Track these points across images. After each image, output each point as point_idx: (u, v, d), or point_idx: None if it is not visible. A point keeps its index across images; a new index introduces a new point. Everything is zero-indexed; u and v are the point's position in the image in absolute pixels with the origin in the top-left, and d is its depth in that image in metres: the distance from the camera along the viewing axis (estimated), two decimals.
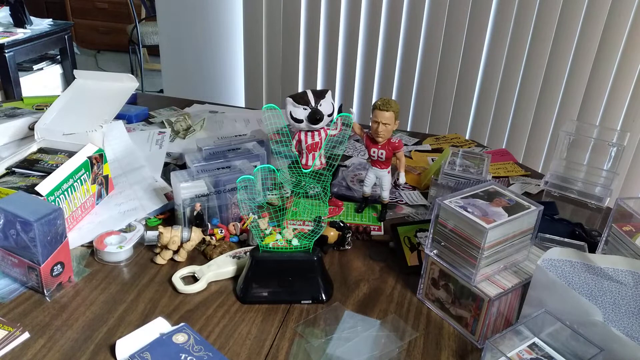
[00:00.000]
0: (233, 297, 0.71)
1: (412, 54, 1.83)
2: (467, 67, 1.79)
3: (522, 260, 0.68)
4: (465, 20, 1.72)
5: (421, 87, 1.87)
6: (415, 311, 0.70)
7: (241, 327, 0.66)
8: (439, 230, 0.67)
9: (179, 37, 2.12)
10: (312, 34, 1.91)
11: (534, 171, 1.12)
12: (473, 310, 0.65)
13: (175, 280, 0.72)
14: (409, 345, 0.64)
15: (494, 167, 1.11)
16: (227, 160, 0.90)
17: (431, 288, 0.71)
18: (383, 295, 0.73)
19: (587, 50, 1.62)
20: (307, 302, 0.70)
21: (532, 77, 1.72)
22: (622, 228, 0.69)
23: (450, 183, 0.86)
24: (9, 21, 2.31)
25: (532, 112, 1.76)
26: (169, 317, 0.66)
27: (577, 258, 0.64)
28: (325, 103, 0.85)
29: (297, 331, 0.65)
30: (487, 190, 0.68)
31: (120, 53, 3.94)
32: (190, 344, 0.61)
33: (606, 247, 0.71)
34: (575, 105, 1.69)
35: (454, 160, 0.91)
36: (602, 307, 0.60)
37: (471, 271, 0.63)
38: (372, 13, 1.82)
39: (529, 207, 0.65)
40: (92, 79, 1.05)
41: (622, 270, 0.63)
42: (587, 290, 0.62)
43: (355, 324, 0.67)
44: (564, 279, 0.62)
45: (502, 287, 0.64)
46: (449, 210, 0.64)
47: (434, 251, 0.69)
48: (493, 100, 1.80)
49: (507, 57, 1.73)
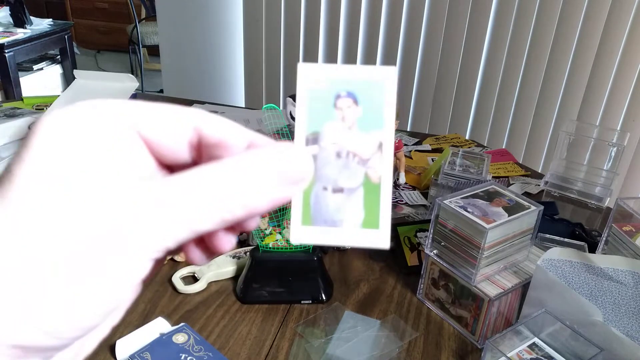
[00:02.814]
0: (233, 297, 0.71)
1: (411, 53, 1.83)
2: (467, 67, 1.79)
3: (522, 261, 0.68)
4: (465, 20, 1.72)
5: (421, 87, 1.87)
6: (415, 311, 0.70)
7: (241, 327, 0.66)
8: (439, 231, 0.67)
9: (179, 37, 2.12)
10: (312, 34, 1.91)
11: (533, 171, 1.12)
12: (473, 311, 0.65)
13: (175, 280, 0.72)
14: (409, 345, 0.64)
15: (494, 167, 1.11)
16: None
17: (431, 288, 0.70)
18: (383, 296, 0.73)
19: (587, 50, 1.62)
20: (307, 302, 0.70)
21: (532, 77, 1.72)
22: (622, 228, 0.69)
23: (450, 183, 0.86)
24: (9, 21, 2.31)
25: (532, 112, 1.76)
26: (168, 317, 0.66)
27: (577, 258, 0.64)
28: None
29: (297, 331, 0.65)
30: (487, 190, 0.68)
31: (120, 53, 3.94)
32: (190, 344, 0.60)
33: (606, 247, 0.71)
34: (575, 105, 1.69)
35: (454, 160, 0.91)
36: (602, 307, 0.60)
37: (471, 271, 0.63)
38: (372, 12, 1.82)
39: (529, 207, 0.65)
40: (92, 79, 1.05)
41: (622, 270, 0.63)
42: (587, 291, 0.62)
43: (355, 324, 0.67)
44: (564, 279, 0.62)
45: (502, 287, 0.64)
46: (449, 210, 0.64)
47: (434, 251, 0.68)
48: (493, 100, 1.80)
49: (507, 57, 1.73)
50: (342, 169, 0.21)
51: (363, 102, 0.21)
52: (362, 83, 0.21)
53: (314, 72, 0.21)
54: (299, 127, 0.21)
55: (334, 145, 0.21)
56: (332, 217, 0.21)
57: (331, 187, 0.21)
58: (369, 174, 0.21)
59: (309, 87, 0.21)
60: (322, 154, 0.21)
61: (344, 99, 0.21)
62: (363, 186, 0.21)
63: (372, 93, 0.21)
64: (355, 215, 0.21)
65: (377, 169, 0.21)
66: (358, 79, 0.21)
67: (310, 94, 0.21)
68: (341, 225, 0.21)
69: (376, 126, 0.21)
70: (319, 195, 0.21)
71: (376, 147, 0.21)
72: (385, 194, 0.21)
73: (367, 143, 0.21)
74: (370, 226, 0.21)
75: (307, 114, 0.21)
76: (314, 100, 0.21)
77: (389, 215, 0.21)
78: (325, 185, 0.21)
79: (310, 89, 0.21)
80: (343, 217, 0.21)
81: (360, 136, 0.21)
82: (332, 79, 0.21)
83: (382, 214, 0.21)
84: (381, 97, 0.21)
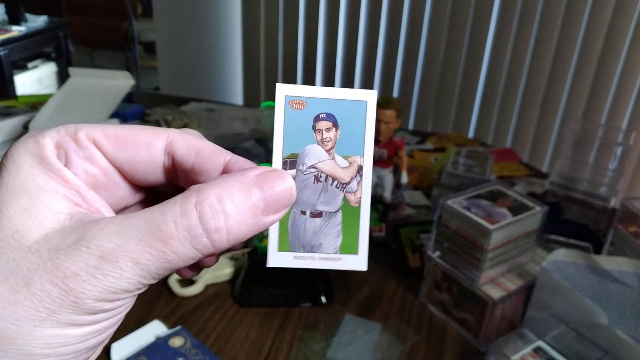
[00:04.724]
0: (231, 300, 0.69)
1: (414, 50, 1.81)
2: (470, 64, 1.77)
3: (527, 262, 0.67)
4: (469, 16, 1.71)
5: (423, 84, 1.85)
6: (418, 314, 0.69)
7: (239, 331, 0.64)
8: (442, 232, 0.66)
9: (176, 33, 2.10)
10: (311, 30, 1.89)
11: (538, 171, 1.11)
12: (476, 313, 0.64)
13: (172, 283, 0.71)
14: (410, 349, 0.63)
15: (497, 167, 1.10)
16: None
17: (434, 291, 0.69)
18: (384, 298, 0.71)
19: (593, 48, 1.60)
20: (306, 305, 0.69)
21: (537, 75, 1.71)
22: (628, 229, 0.68)
23: (453, 183, 0.85)
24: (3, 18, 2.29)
25: (537, 111, 1.75)
26: (165, 320, 0.64)
27: (583, 259, 0.63)
28: None
29: (297, 335, 0.64)
30: (491, 191, 0.67)
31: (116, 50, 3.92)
32: (187, 348, 0.59)
33: (612, 248, 0.70)
34: (580, 104, 1.68)
35: (457, 159, 0.90)
36: (607, 309, 0.59)
37: (475, 273, 0.62)
38: (373, 8, 1.80)
39: (534, 207, 0.64)
40: (87, 77, 1.03)
41: (627, 272, 0.62)
42: (592, 293, 0.61)
43: (355, 327, 0.65)
44: (569, 281, 0.61)
45: (506, 290, 0.62)
46: (452, 210, 0.63)
47: (437, 253, 0.67)
48: (497, 98, 1.79)
49: (512, 54, 1.72)
50: (320, 193, 0.21)
51: (342, 125, 0.21)
52: (341, 105, 0.21)
53: (293, 93, 0.21)
54: (276, 149, 0.21)
55: (313, 168, 0.21)
56: (310, 242, 0.21)
57: (309, 211, 0.21)
58: (347, 198, 0.21)
59: (287, 108, 0.21)
60: (300, 177, 0.21)
61: (323, 122, 0.21)
62: (342, 210, 0.21)
63: (352, 116, 0.21)
64: (333, 240, 0.21)
65: (356, 193, 0.21)
66: (338, 101, 0.21)
67: (289, 115, 0.21)
68: (319, 250, 0.21)
69: (355, 149, 0.21)
70: (296, 219, 0.21)
71: (355, 171, 0.21)
72: (364, 218, 0.21)
73: (346, 166, 0.21)
74: (348, 251, 0.21)
75: (285, 136, 0.21)
76: (292, 122, 0.21)
77: (366, 239, 0.21)
78: (303, 209, 0.21)
79: (288, 111, 0.21)
80: (321, 242, 0.21)
81: (339, 159, 0.21)
82: (311, 101, 0.21)
83: (360, 238, 0.21)
84: (361, 120, 0.21)
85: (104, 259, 0.16)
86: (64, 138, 0.18)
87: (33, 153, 0.18)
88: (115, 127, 0.19)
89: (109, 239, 0.16)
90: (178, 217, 0.17)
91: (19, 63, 2.39)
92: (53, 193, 0.17)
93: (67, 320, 0.16)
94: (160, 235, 0.16)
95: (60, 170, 0.18)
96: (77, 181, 0.18)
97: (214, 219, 0.17)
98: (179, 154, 0.20)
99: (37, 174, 0.17)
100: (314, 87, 0.21)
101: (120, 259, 0.16)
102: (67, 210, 0.17)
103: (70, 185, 0.18)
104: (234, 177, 0.18)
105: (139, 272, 0.16)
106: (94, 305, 0.16)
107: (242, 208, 0.17)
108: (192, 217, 0.17)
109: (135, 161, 0.19)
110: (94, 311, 0.16)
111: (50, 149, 0.18)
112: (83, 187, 0.18)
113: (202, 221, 0.17)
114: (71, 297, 0.16)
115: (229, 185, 0.17)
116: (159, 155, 0.20)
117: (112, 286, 0.16)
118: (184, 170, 0.20)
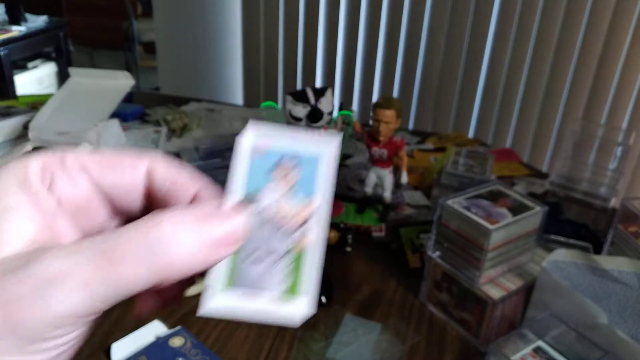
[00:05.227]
0: None
1: (414, 50, 1.81)
2: (471, 64, 1.77)
3: (527, 262, 0.67)
4: (469, 16, 1.71)
5: (423, 84, 1.85)
6: (418, 314, 0.69)
7: (239, 331, 0.64)
8: (442, 232, 0.66)
9: (176, 33, 2.10)
10: (311, 30, 1.89)
11: (538, 171, 1.11)
12: (476, 313, 0.64)
13: None
14: (410, 349, 0.63)
15: (497, 167, 1.10)
16: (224, 159, 0.88)
17: (434, 291, 0.69)
18: (384, 298, 0.71)
19: (593, 48, 1.60)
20: None
21: (537, 75, 1.71)
22: (628, 229, 0.68)
23: (453, 183, 0.85)
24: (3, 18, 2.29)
25: (537, 111, 1.75)
26: (165, 320, 0.64)
27: (583, 259, 0.63)
28: (326, 101, 0.83)
29: (297, 335, 0.64)
30: (491, 191, 0.67)
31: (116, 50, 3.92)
32: (187, 348, 0.59)
33: (612, 248, 0.70)
34: (580, 103, 1.68)
35: (457, 159, 0.90)
36: (607, 309, 0.59)
37: (475, 273, 0.62)
38: (373, 8, 1.80)
39: (534, 207, 0.64)
40: (87, 77, 1.03)
41: (627, 272, 0.62)
42: (592, 292, 0.61)
43: (355, 327, 0.65)
44: (569, 281, 0.61)
45: (506, 290, 0.62)
46: (452, 210, 0.63)
47: (437, 253, 0.67)
48: (497, 98, 1.79)
49: (512, 54, 1.72)
50: (273, 232, 0.21)
51: (303, 168, 0.21)
52: (305, 149, 0.22)
53: (261, 132, 0.22)
54: (235, 186, 0.21)
55: (268, 208, 0.21)
56: (257, 283, 0.21)
57: (260, 250, 0.21)
58: (299, 240, 0.21)
59: (253, 146, 0.22)
60: (255, 216, 0.21)
61: (285, 162, 0.21)
62: (292, 252, 0.21)
63: (314, 160, 0.22)
64: (280, 281, 0.21)
65: (308, 235, 0.21)
66: (302, 144, 0.22)
67: (253, 153, 0.22)
68: (263, 292, 0.21)
69: (313, 192, 0.21)
70: (244, 259, 0.21)
71: (310, 213, 0.21)
72: (314, 261, 0.21)
73: (301, 208, 0.21)
74: (293, 294, 0.21)
75: (246, 174, 0.21)
76: (255, 161, 0.21)
77: (317, 282, 0.21)
78: (254, 248, 0.21)
79: (253, 149, 0.22)
80: (268, 283, 0.21)
81: (296, 201, 0.21)
82: (276, 141, 0.22)
83: (309, 281, 0.21)
84: (322, 164, 0.22)
85: (51, 280, 0.15)
86: (51, 160, 0.19)
87: (17, 174, 0.18)
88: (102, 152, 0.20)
89: (59, 261, 0.16)
90: (131, 240, 0.17)
91: (19, 63, 2.39)
92: (23, 214, 0.17)
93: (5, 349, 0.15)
94: (110, 256, 0.16)
95: (37, 193, 0.18)
96: (51, 205, 0.18)
97: (167, 244, 0.17)
98: (158, 179, 0.20)
99: (13, 194, 0.17)
100: (282, 128, 0.22)
101: (68, 280, 0.15)
102: (31, 234, 0.17)
103: (42, 208, 0.18)
104: (196, 207, 0.18)
105: (89, 294, 0.16)
106: (40, 332, 0.15)
107: (194, 238, 0.17)
108: (144, 241, 0.17)
109: (118, 185, 0.20)
110: (40, 338, 0.16)
111: (33, 171, 0.18)
112: (57, 212, 0.18)
113: (153, 245, 0.17)
114: (10, 324, 0.15)
115: (188, 213, 0.18)
116: (141, 179, 0.20)
117: (60, 309, 0.15)
118: (159, 196, 0.20)
